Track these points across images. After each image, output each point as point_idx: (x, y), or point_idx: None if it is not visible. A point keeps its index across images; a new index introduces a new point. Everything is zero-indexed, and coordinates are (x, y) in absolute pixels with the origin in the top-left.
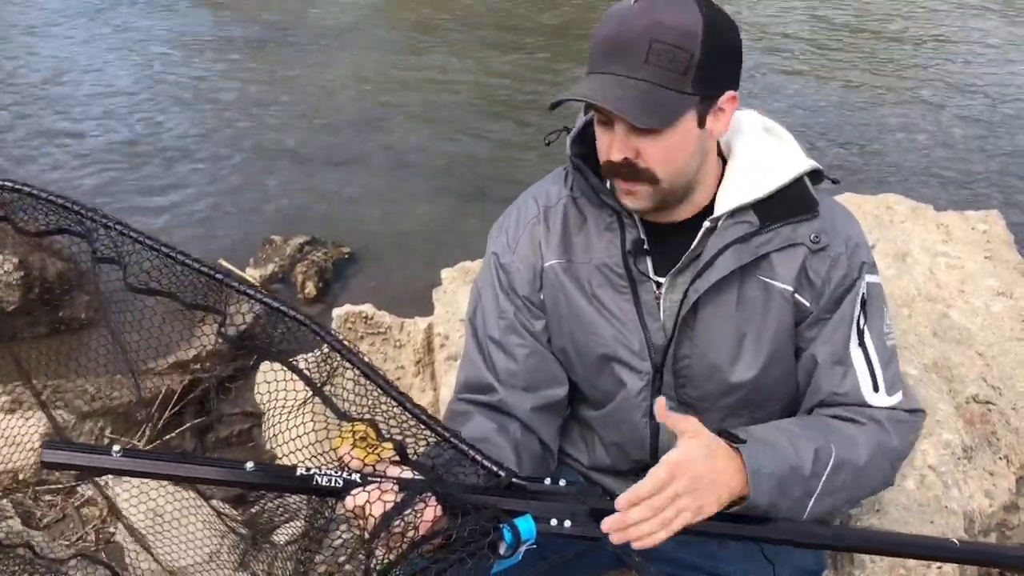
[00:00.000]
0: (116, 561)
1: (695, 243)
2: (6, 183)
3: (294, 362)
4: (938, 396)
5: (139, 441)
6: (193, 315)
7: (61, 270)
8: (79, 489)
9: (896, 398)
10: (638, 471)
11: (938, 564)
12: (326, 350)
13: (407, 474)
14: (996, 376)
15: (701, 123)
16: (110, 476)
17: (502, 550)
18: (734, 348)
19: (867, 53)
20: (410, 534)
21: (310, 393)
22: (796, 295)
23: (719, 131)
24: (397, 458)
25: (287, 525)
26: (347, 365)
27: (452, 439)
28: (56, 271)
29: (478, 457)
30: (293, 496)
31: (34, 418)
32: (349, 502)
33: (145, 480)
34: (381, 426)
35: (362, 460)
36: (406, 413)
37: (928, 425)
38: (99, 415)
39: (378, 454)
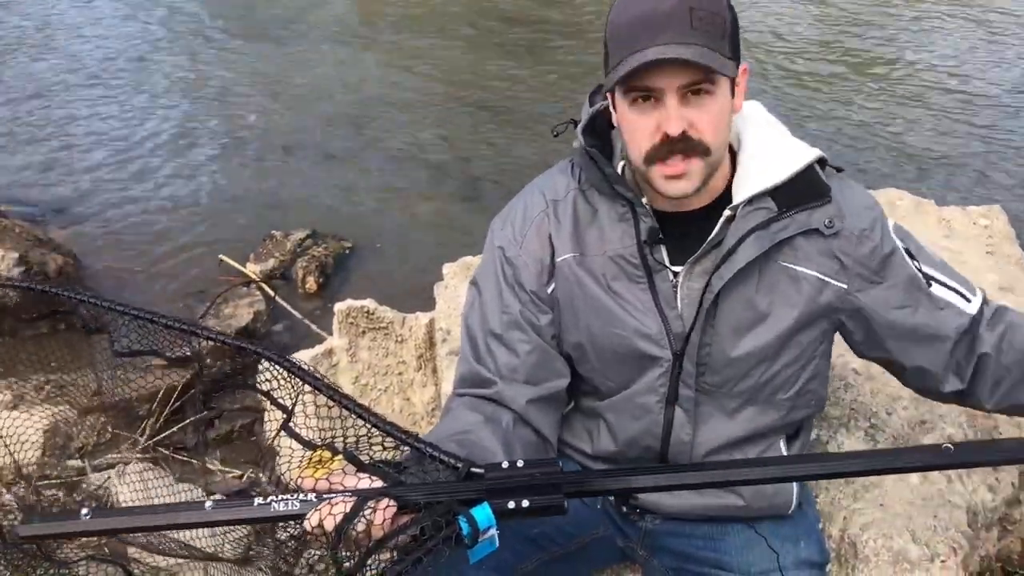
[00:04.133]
0: (120, 557)
1: (716, 230)
2: None
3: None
4: None
5: (141, 437)
6: (193, 313)
7: (62, 265)
8: (80, 485)
9: (979, 293)
10: (645, 461)
11: (942, 558)
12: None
13: (364, 482)
14: None
15: (732, 91)
16: (112, 471)
17: (465, 541)
18: (754, 334)
19: (870, 49)
20: (364, 540)
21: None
22: (827, 279)
23: (739, 104)
24: (353, 468)
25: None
26: (307, 389)
27: (408, 440)
28: (57, 266)
29: (435, 453)
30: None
31: (37, 413)
32: (307, 525)
33: (145, 473)
34: (338, 442)
35: (315, 478)
36: (367, 424)
37: (931, 419)
38: (100, 411)
39: (330, 468)
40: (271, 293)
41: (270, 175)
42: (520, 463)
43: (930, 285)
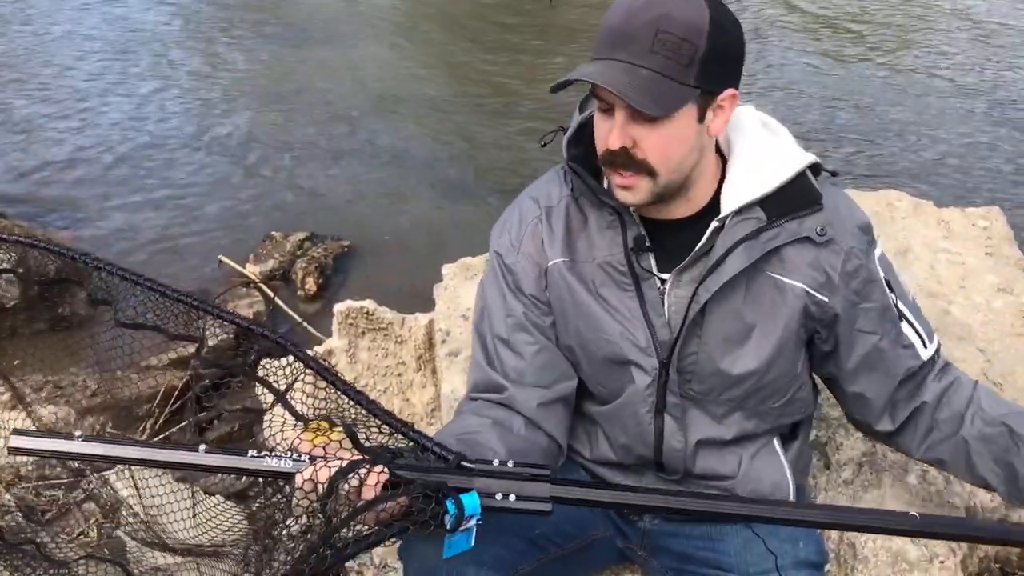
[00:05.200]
0: (119, 556)
1: (703, 240)
2: (10, 237)
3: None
4: None
5: (140, 437)
6: (195, 313)
7: (60, 266)
8: (80, 484)
9: (935, 340)
10: (641, 466)
11: (940, 559)
12: (291, 360)
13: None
14: (997, 372)
15: (701, 118)
16: (111, 472)
17: (447, 523)
18: (741, 344)
19: (870, 49)
20: (354, 498)
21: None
22: (812, 292)
23: (717, 129)
24: (349, 444)
25: (289, 521)
26: (309, 372)
27: (403, 429)
28: (56, 267)
29: (428, 444)
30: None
31: (36, 413)
32: (299, 479)
33: (145, 475)
34: (337, 420)
35: (311, 442)
36: (363, 410)
37: None
38: (100, 410)
39: (328, 437)
40: (270, 294)
41: (269, 176)
42: (510, 463)
43: (900, 320)
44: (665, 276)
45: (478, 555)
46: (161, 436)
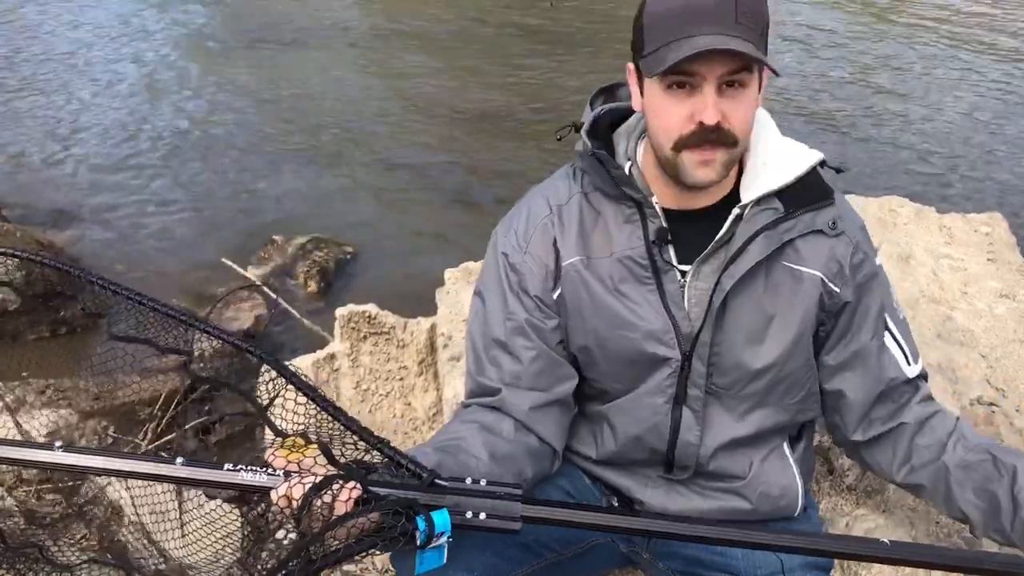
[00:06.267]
0: (121, 561)
1: (724, 229)
2: (7, 251)
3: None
4: (942, 398)
5: (142, 441)
6: (184, 326)
7: (56, 279)
8: (82, 488)
9: (920, 362)
10: (652, 463)
11: None
12: (274, 375)
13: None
14: (1000, 378)
15: (760, 88)
16: (113, 476)
17: (418, 539)
18: (761, 334)
19: (871, 55)
20: (327, 513)
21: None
22: (827, 282)
23: (759, 102)
24: (324, 460)
25: (289, 526)
26: (290, 387)
27: (378, 446)
28: (58, 271)
29: (402, 460)
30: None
31: (38, 416)
32: (274, 495)
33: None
34: (312, 437)
35: (286, 458)
36: (340, 425)
37: None
38: (102, 415)
39: (303, 453)
40: (274, 296)
41: (272, 180)
42: (483, 482)
43: (887, 329)
44: (685, 268)
45: (469, 562)
46: (163, 440)
